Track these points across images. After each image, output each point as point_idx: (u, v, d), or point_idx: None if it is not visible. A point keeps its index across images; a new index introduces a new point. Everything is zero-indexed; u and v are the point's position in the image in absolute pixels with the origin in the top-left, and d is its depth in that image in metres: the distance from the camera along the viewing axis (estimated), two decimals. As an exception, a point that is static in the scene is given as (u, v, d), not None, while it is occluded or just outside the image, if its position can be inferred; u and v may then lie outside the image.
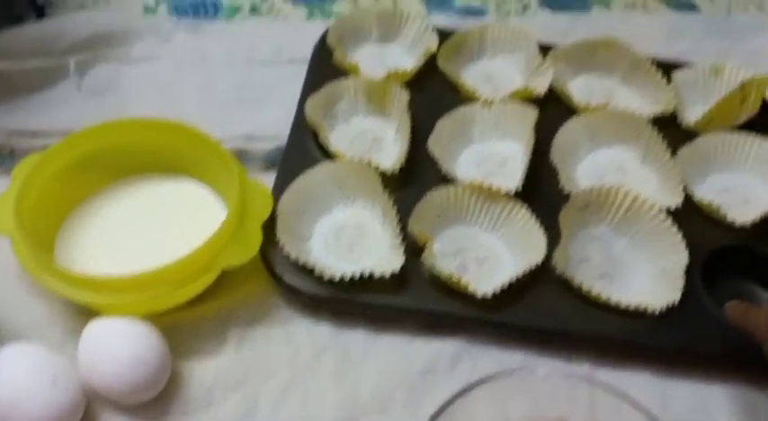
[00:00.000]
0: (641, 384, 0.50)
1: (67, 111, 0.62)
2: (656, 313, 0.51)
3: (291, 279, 0.51)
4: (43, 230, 0.51)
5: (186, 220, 0.54)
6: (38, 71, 0.65)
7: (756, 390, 0.50)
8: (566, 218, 0.54)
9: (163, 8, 0.74)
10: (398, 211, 0.54)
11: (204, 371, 0.49)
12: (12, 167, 0.52)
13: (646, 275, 0.54)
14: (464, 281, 0.50)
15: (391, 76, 0.63)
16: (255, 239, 0.50)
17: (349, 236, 0.55)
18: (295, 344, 0.51)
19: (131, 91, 0.66)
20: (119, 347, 0.45)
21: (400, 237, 0.52)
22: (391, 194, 0.54)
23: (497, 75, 0.68)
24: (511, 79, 0.67)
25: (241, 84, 0.67)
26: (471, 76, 0.67)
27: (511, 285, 0.51)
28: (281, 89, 0.67)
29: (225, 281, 0.52)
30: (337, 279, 0.50)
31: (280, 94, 0.66)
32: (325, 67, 0.65)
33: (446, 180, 0.57)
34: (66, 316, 0.50)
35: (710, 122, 0.63)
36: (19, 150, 0.60)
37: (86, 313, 0.48)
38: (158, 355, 0.46)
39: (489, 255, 0.55)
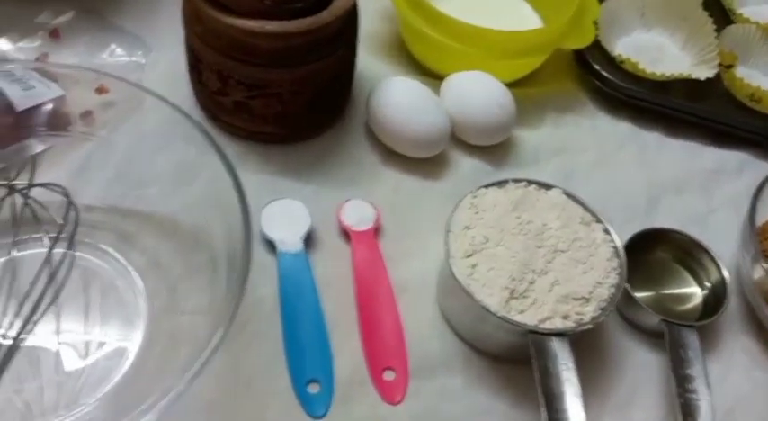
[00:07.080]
0: None
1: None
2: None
3: (608, 73, 0.59)
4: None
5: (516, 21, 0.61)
6: None
7: None
8: None
9: None
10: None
11: (529, 139, 0.57)
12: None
13: None
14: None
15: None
16: (590, 31, 0.57)
17: (650, 55, 0.62)
18: (600, 133, 0.59)
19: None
20: (478, 91, 0.53)
21: (710, 52, 0.59)
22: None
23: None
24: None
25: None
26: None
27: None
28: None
29: (543, 75, 0.61)
30: (652, 73, 0.58)
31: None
32: None
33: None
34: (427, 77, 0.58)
35: None
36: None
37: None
38: (509, 104, 0.53)
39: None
